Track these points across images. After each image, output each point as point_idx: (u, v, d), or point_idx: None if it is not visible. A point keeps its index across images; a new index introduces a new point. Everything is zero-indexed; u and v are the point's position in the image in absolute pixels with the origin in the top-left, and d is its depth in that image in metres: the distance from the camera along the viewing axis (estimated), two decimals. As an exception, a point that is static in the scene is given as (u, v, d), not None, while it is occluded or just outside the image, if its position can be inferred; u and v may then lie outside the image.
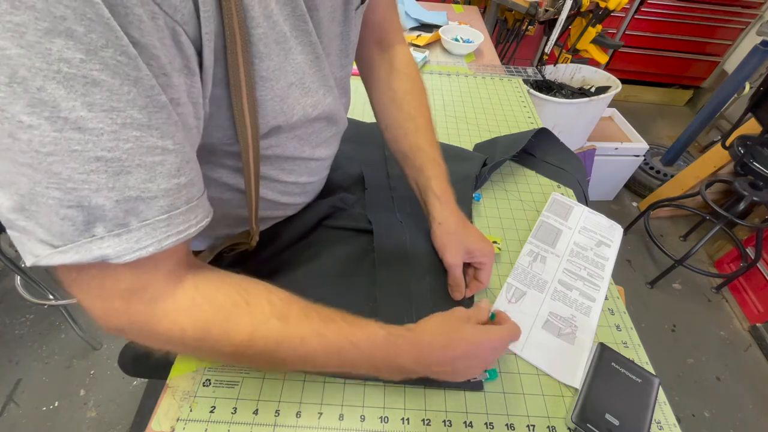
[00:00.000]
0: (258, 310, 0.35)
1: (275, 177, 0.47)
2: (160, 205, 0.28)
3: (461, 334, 0.42)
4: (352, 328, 0.38)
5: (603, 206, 1.96)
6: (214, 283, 0.35)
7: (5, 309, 1.35)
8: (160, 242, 0.28)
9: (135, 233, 0.27)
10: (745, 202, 1.36)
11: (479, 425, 0.44)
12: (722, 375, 1.38)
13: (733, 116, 1.85)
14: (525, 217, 0.68)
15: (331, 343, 0.36)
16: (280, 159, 0.45)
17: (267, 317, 0.35)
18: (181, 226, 0.29)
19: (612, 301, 0.57)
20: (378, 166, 0.69)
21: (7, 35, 0.20)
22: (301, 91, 0.39)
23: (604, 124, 1.84)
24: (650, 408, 0.44)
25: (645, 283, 1.63)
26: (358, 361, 0.38)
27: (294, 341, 0.35)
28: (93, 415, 1.14)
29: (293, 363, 0.37)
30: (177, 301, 0.33)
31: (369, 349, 0.38)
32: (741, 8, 2.16)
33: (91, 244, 0.26)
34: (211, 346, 0.34)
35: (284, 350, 0.35)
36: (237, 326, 0.34)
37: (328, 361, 0.37)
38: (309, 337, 0.36)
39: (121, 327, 0.32)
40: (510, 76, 1.07)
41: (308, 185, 0.54)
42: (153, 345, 0.35)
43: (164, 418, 0.42)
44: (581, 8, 1.31)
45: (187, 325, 0.33)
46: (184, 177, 0.29)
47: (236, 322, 0.34)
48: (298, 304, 0.37)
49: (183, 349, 0.38)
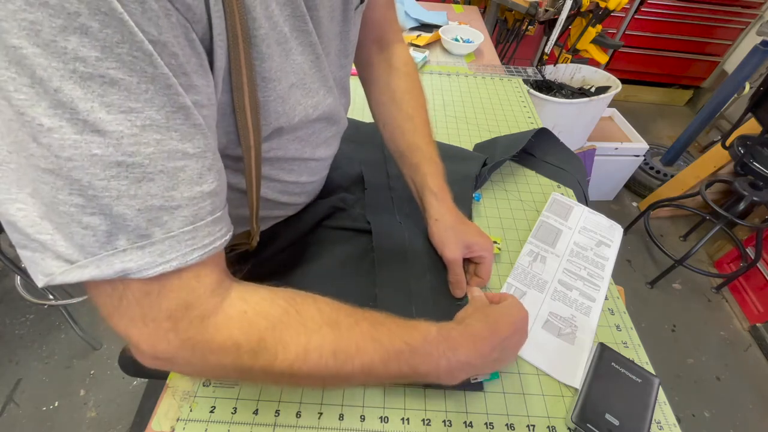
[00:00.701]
0: (309, 318, 0.33)
1: (276, 177, 0.47)
2: (184, 216, 0.26)
3: (498, 317, 0.43)
4: (404, 329, 0.37)
5: (603, 206, 1.96)
6: (261, 294, 0.33)
7: (5, 309, 1.35)
8: (184, 256, 0.27)
9: (159, 246, 0.26)
10: (745, 202, 1.36)
11: (479, 425, 0.44)
12: (722, 375, 1.38)
13: (733, 116, 1.85)
14: (525, 217, 0.68)
15: (386, 348, 0.35)
16: (281, 160, 0.45)
17: (319, 325, 0.33)
18: (206, 239, 0.28)
19: (612, 301, 0.57)
20: (378, 166, 0.69)
21: (23, 33, 0.19)
22: (302, 91, 0.38)
23: (604, 124, 1.84)
24: (650, 408, 0.44)
25: (645, 283, 1.63)
26: (416, 364, 0.36)
27: (350, 349, 0.33)
28: (93, 415, 1.14)
29: (350, 375, 0.34)
30: (227, 315, 0.31)
31: (426, 347, 0.36)
32: (741, 8, 2.16)
33: (113, 257, 0.25)
34: (267, 361, 0.32)
35: (341, 361, 0.33)
36: (291, 337, 0.32)
37: (387, 369, 0.35)
38: (363, 343, 0.34)
39: (171, 351, 0.29)
40: (510, 76, 1.07)
41: (308, 185, 0.54)
42: (205, 371, 0.33)
43: (164, 418, 0.42)
44: (581, 8, 1.31)
45: (241, 339, 0.31)
46: (207, 185, 0.28)
47: (290, 332, 0.32)
48: (345, 310, 0.36)
49: (236, 371, 0.33)
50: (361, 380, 0.37)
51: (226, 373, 0.33)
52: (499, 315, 0.43)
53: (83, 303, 1.29)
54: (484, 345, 0.39)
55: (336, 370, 0.33)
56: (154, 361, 0.30)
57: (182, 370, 0.35)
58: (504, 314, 0.43)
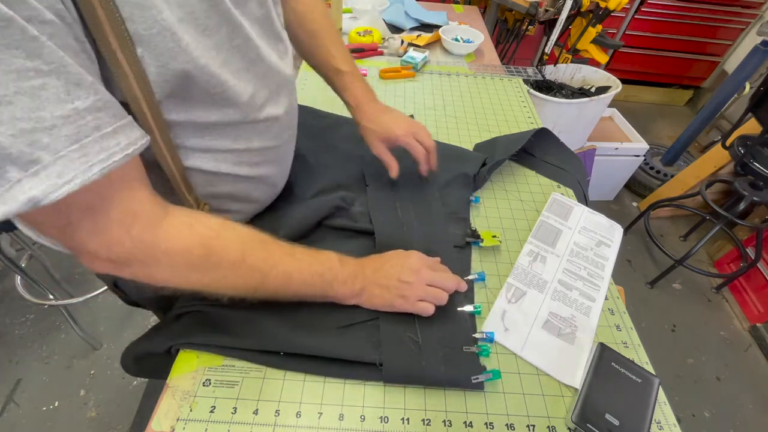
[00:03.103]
0: (243, 233, 0.41)
1: (221, 147, 0.44)
2: (65, 135, 0.27)
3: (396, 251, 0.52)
4: (312, 251, 0.46)
5: (603, 206, 1.96)
6: (201, 213, 0.41)
7: (5, 309, 1.35)
8: (84, 173, 0.28)
9: (52, 168, 0.27)
10: (745, 202, 1.36)
11: (479, 425, 0.44)
12: (722, 375, 1.38)
13: (733, 116, 1.85)
14: (525, 217, 0.68)
15: (299, 261, 0.44)
16: (217, 123, 0.42)
17: (251, 238, 0.42)
18: (101, 154, 0.29)
19: (612, 301, 0.57)
20: (378, 164, 0.69)
21: None
22: (195, 28, 0.35)
23: (604, 124, 1.84)
24: (650, 408, 0.44)
25: (645, 283, 1.63)
26: (322, 271, 0.46)
27: (274, 258, 0.42)
28: (93, 415, 1.14)
29: (275, 281, 0.43)
30: (174, 223, 0.36)
31: (327, 263, 0.47)
32: (741, 8, 2.16)
33: (12, 190, 0.26)
34: (216, 261, 0.38)
35: (269, 265, 0.42)
36: (232, 243, 0.40)
37: (302, 277, 0.44)
38: (283, 257, 0.43)
39: (126, 253, 0.34)
40: (510, 76, 1.07)
41: (269, 152, 0.51)
42: (158, 274, 0.37)
43: (164, 418, 0.42)
44: (581, 8, 1.31)
45: (190, 242, 0.37)
46: (81, 101, 0.28)
47: (230, 239, 0.40)
48: (270, 236, 0.44)
49: (188, 274, 0.39)
50: (282, 283, 0.44)
51: (180, 276, 0.38)
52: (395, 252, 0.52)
53: (83, 303, 1.29)
54: (367, 265, 0.49)
55: (266, 272, 0.42)
56: (110, 265, 0.35)
57: (137, 274, 0.36)
58: (400, 251, 0.52)
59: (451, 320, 0.50)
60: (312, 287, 0.46)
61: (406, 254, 0.51)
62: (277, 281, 0.43)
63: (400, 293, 0.48)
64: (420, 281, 0.48)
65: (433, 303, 0.48)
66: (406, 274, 0.48)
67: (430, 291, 0.48)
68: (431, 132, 0.65)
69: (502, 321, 0.52)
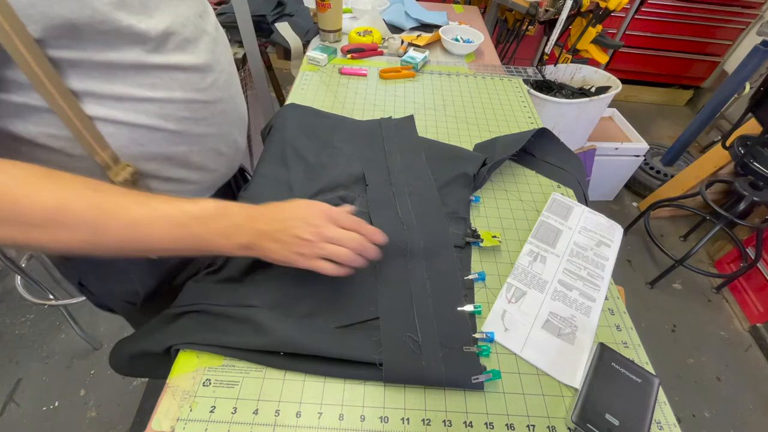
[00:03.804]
0: (65, 178, 0.35)
1: (136, 95, 0.42)
2: None
3: (299, 201, 0.46)
4: (181, 200, 0.40)
5: (603, 206, 1.96)
6: (6, 160, 0.34)
7: (5, 309, 1.35)
8: None
9: None
10: (746, 202, 1.36)
11: (479, 425, 0.44)
12: (722, 375, 1.38)
13: (734, 116, 1.85)
14: (525, 217, 0.68)
15: (155, 212, 0.38)
16: (116, 65, 0.39)
17: (74, 185, 0.35)
18: None
19: (612, 301, 0.57)
20: (378, 163, 0.69)
21: None
22: None
23: (604, 124, 1.84)
24: (650, 408, 0.44)
25: (645, 283, 1.63)
26: (181, 224, 0.39)
27: (111, 206, 0.36)
28: (93, 415, 1.14)
29: (117, 233, 0.37)
30: None
31: (195, 212, 0.40)
32: (741, 8, 2.16)
33: None
34: (12, 213, 0.33)
35: (105, 215, 0.35)
36: (40, 190, 0.34)
37: (158, 231, 0.38)
38: (128, 205, 0.37)
39: None
40: (510, 76, 1.07)
41: (198, 107, 0.48)
42: None
43: (164, 418, 0.42)
44: (581, 8, 1.31)
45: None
46: None
47: (40, 185, 0.34)
48: (100, 182, 0.38)
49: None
50: (127, 236, 0.38)
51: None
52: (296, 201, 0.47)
53: (83, 303, 1.29)
54: (261, 214, 0.44)
55: (98, 223, 0.35)
56: None
57: None
58: (302, 200, 0.47)
59: (451, 320, 0.50)
60: (176, 240, 0.40)
61: (309, 206, 0.46)
62: (121, 234, 0.37)
63: (297, 250, 0.44)
64: (321, 238, 0.44)
65: (337, 261, 0.45)
66: (304, 231, 0.44)
67: (331, 249, 0.44)
68: (431, 132, 0.65)
69: (502, 321, 0.52)
